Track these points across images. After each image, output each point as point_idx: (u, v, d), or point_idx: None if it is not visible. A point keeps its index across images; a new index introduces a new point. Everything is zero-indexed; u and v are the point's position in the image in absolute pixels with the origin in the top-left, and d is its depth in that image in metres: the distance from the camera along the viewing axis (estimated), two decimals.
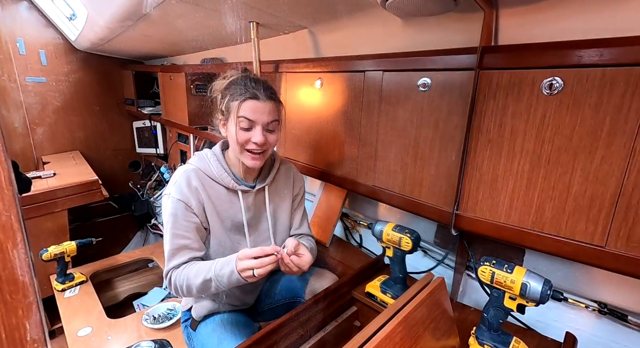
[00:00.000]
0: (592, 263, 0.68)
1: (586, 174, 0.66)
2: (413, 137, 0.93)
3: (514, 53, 0.73)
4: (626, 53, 0.60)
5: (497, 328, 0.75)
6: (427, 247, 1.15)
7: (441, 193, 0.88)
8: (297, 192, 1.06)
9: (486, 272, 0.74)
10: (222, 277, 0.80)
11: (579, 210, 0.68)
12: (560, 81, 0.67)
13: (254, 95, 0.84)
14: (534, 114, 0.71)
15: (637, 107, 0.60)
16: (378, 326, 0.63)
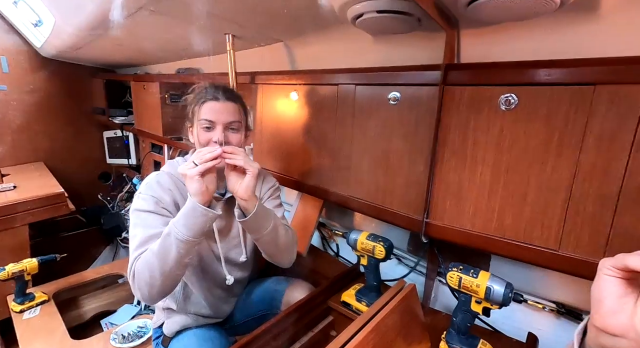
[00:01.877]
0: (548, 266, 0.73)
1: (540, 183, 0.72)
2: (385, 148, 0.96)
3: (475, 71, 0.79)
4: (570, 74, 0.66)
5: (466, 332, 0.78)
6: (401, 254, 1.18)
7: (411, 202, 0.91)
8: (265, 191, 1.04)
9: (454, 278, 0.77)
10: (177, 221, 0.73)
11: (535, 216, 0.73)
12: (516, 97, 0.72)
13: (213, 97, 0.87)
14: (493, 128, 0.76)
15: (580, 122, 0.66)
16: (350, 334, 0.64)
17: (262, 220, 0.82)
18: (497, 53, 0.79)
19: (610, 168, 0.64)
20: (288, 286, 1.05)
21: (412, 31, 0.84)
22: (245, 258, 1.00)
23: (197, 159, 0.73)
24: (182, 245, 0.72)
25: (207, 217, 0.73)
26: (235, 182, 0.79)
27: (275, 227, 0.84)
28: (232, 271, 0.99)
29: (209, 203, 0.75)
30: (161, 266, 0.74)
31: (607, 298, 0.36)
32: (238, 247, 1.00)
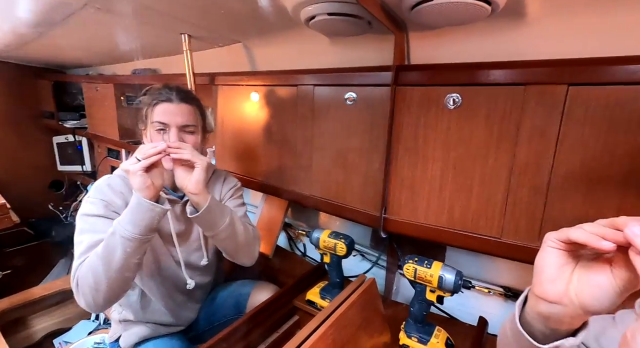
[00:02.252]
0: (492, 253, 0.79)
1: (483, 176, 0.77)
2: (343, 147, 0.99)
3: (423, 72, 0.83)
4: (504, 75, 0.71)
5: (422, 320, 0.82)
6: (364, 250, 1.21)
7: (370, 199, 0.94)
8: (226, 192, 1.02)
9: (410, 269, 0.81)
10: (122, 218, 0.70)
11: (480, 208, 0.78)
12: (459, 97, 0.77)
13: (166, 98, 0.85)
14: (441, 125, 0.81)
15: (515, 119, 0.71)
16: (310, 330, 0.65)
17: (215, 215, 0.80)
18: (443, 55, 0.84)
19: (541, 161, 0.70)
20: (253, 288, 1.04)
21: (365, 33, 0.87)
22: (206, 262, 0.98)
23: (139, 154, 0.71)
24: (129, 244, 0.69)
25: (154, 212, 0.70)
26: (184, 177, 0.77)
27: (232, 223, 0.83)
28: (193, 275, 0.97)
29: (156, 198, 0.72)
30: (106, 268, 0.69)
31: (548, 267, 0.39)
32: (199, 251, 0.97)
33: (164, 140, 0.82)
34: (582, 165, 0.66)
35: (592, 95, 0.63)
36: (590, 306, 0.37)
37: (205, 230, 0.82)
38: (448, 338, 0.81)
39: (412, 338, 0.81)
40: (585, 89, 0.64)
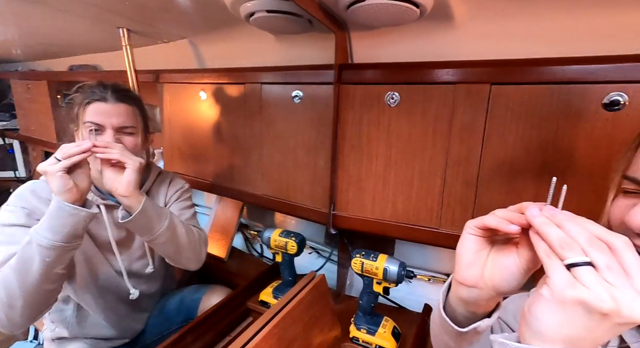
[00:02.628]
0: (433, 243, 0.83)
1: (422, 171, 0.81)
2: (292, 146, 0.99)
3: (364, 70, 0.85)
4: (436, 74, 0.76)
5: (371, 312, 0.85)
6: (319, 247, 1.22)
7: (319, 196, 0.96)
8: (172, 194, 0.97)
9: (357, 263, 0.83)
10: (40, 225, 0.63)
11: (420, 201, 0.82)
12: (398, 95, 0.80)
13: (100, 97, 0.79)
14: (382, 122, 0.83)
15: (447, 116, 0.76)
16: (255, 331, 0.65)
17: (151, 219, 0.76)
18: (384, 54, 0.87)
19: (471, 155, 0.75)
20: (205, 293, 1.01)
21: (308, 32, 0.88)
22: (152, 270, 0.93)
23: (60, 154, 0.65)
24: (48, 253, 0.62)
25: (77, 217, 0.64)
26: (114, 179, 0.72)
27: (172, 226, 0.79)
28: (137, 284, 0.92)
29: (81, 202, 0.66)
30: (22, 281, 0.62)
31: (466, 253, 0.41)
32: (143, 258, 0.92)
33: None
34: (504, 158, 0.72)
35: (510, 93, 0.69)
36: (500, 287, 0.40)
37: (141, 235, 0.78)
38: (395, 327, 0.84)
39: (362, 330, 0.84)
40: (505, 87, 0.70)
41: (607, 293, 0.27)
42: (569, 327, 0.29)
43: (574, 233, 0.30)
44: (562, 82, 0.65)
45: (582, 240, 0.30)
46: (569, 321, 0.29)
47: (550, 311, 0.30)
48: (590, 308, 0.28)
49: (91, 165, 0.80)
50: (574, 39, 0.68)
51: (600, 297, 0.27)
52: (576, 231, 0.30)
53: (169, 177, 1.01)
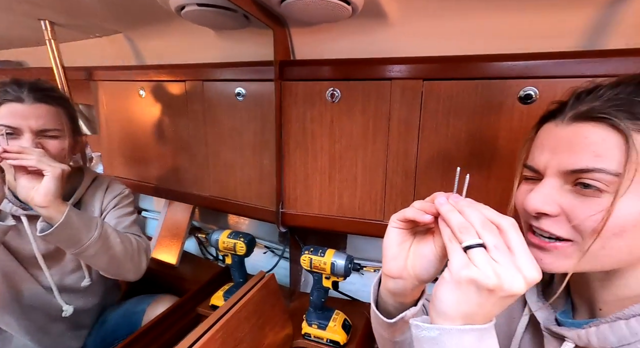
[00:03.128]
0: (379, 235, 0.85)
1: (364, 165, 0.83)
2: (238, 145, 0.96)
3: (304, 67, 0.85)
4: (373, 70, 0.77)
5: (322, 307, 0.86)
6: (273, 246, 1.21)
7: (267, 195, 0.94)
8: (109, 201, 0.91)
9: (306, 260, 0.83)
10: None
11: (364, 194, 0.84)
12: (338, 91, 0.81)
13: (15, 97, 0.71)
14: (325, 119, 0.84)
15: (385, 112, 0.78)
16: (196, 337, 0.62)
17: (77, 230, 0.70)
18: (325, 51, 0.87)
19: (408, 148, 0.78)
20: (150, 304, 0.95)
21: (246, 27, 0.85)
22: (88, 282, 0.86)
23: None
24: None
25: None
26: (29, 188, 0.65)
27: (104, 236, 0.74)
28: (72, 300, 0.85)
29: None
30: None
31: (390, 246, 0.43)
32: (78, 271, 0.85)
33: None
34: (438, 150, 0.76)
35: (441, 89, 0.73)
36: (422, 275, 0.41)
37: (66, 248, 0.72)
38: (345, 320, 0.86)
39: (313, 326, 0.84)
40: (436, 83, 0.73)
41: (492, 271, 0.29)
42: (465, 304, 0.31)
43: (471, 218, 0.32)
44: (485, 77, 0.69)
45: (477, 224, 0.32)
46: (464, 299, 0.31)
47: (450, 291, 0.32)
48: (479, 285, 0.30)
49: (7, 172, 0.72)
50: (497, 37, 0.72)
51: (486, 275, 0.29)
52: (473, 216, 0.33)
53: (105, 183, 0.94)
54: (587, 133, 0.34)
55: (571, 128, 0.35)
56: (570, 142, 0.35)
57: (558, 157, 0.36)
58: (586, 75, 0.61)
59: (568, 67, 0.63)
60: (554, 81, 0.64)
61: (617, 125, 0.32)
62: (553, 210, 0.36)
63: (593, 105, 0.34)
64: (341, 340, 0.81)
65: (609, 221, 0.32)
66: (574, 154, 0.34)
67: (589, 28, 0.66)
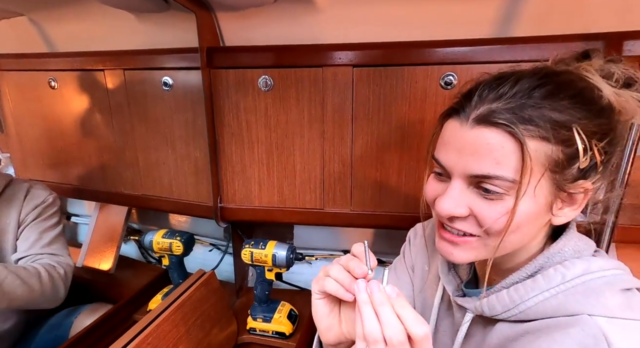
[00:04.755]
0: (321, 224, 0.86)
1: (302, 154, 0.82)
2: (168, 138, 0.90)
3: (234, 54, 0.81)
4: (304, 57, 0.76)
5: (266, 300, 0.85)
6: (219, 243, 1.17)
7: (204, 190, 0.90)
8: (28, 212, 0.82)
9: (247, 254, 0.81)
10: None
11: (304, 184, 0.84)
12: (271, 79, 0.79)
13: None
14: (259, 108, 0.81)
15: (318, 99, 0.77)
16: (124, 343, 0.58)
17: None
18: (255, 37, 0.84)
19: (343, 135, 0.78)
20: (78, 316, 0.87)
21: (166, 10, 0.79)
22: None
23: None
24: None
25: None
26: None
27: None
28: None
29: None
30: None
31: (321, 318, 0.42)
32: None
33: None
34: (371, 136, 0.77)
35: (370, 75, 0.73)
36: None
37: None
38: (291, 310, 0.86)
39: (258, 320, 0.83)
40: (365, 70, 0.74)
41: None
42: None
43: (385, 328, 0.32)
44: (410, 63, 0.71)
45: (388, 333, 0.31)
46: None
47: None
48: None
49: None
50: (421, 25, 0.74)
51: None
52: (387, 324, 0.32)
53: (24, 189, 0.83)
54: (488, 139, 0.35)
55: (474, 132, 0.36)
56: (474, 146, 0.36)
57: (463, 160, 0.37)
58: (497, 61, 0.66)
59: (481, 54, 0.67)
60: (470, 67, 0.68)
61: (514, 133, 0.33)
62: (463, 212, 0.38)
63: (492, 108, 0.35)
64: (287, 331, 0.81)
65: (518, 220, 0.36)
66: (477, 159, 0.36)
67: (501, 17, 0.70)
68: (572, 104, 0.34)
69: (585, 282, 0.36)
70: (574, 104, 0.34)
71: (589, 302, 0.35)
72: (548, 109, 0.34)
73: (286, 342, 0.82)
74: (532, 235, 0.39)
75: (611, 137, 0.36)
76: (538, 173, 0.35)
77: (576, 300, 0.35)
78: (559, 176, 0.35)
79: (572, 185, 0.36)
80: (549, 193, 0.36)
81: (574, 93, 0.35)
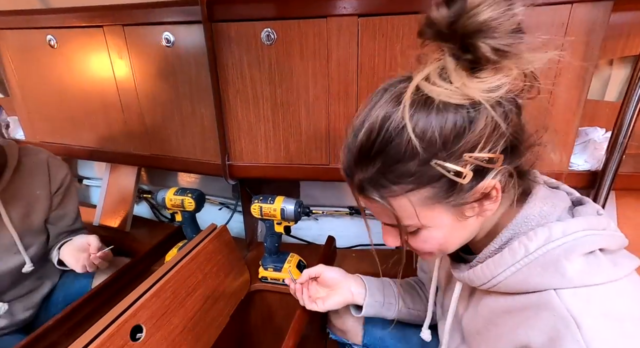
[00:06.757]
0: (326, 179, 0.88)
1: (308, 111, 0.82)
2: (173, 97, 0.90)
3: (235, 5, 0.78)
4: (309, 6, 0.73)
5: (276, 251, 0.89)
6: (228, 202, 1.21)
7: (212, 148, 0.91)
8: (59, 184, 0.86)
9: (256, 208, 0.84)
10: None
11: (310, 140, 0.84)
12: (274, 32, 0.76)
13: None
14: (263, 63, 0.80)
15: (323, 52, 0.75)
16: (145, 289, 0.63)
17: None
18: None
19: (348, 90, 0.77)
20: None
21: None
22: (31, 267, 0.82)
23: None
24: None
25: None
26: None
27: None
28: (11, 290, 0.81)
29: None
30: None
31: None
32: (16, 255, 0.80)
33: None
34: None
35: (376, 25, 0.71)
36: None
37: None
38: (300, 260, 0.91)
39: (269, 269, 0.88)
40: (371, 20, 0.71)
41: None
42: None
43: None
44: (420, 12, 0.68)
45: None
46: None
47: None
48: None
49: None
50: None
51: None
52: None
53: (43, 160, 0.85)
54: (374, 206, 0.40)
55: (362, 199, 0.41)
56: (370, 207, 0.41)
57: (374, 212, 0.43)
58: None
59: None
60: None
61: (377, 201, 0.37)
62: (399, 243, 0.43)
63: (361, 181, 0.38)
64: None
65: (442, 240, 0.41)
66: (379, 215, 0.42)
67: None
68: (421, 145, 0.33)
69: (547, 252, 0.35)
70: (422, 144, 0.33)
71: (549, 274, 0.35)
72: (400, 166, 0.35)
73: None
74: (473, 231, 0.42)
75: (483, 139, 0.33)
76: (429, 210, 0.37)
77: (538, 273, 0.35)
78: (454, 198, 0.36)
79: (472, 195, 0.35)
80: (453, 213, 0.37)
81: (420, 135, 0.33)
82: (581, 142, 0.72)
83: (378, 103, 0.36)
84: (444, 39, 0.34)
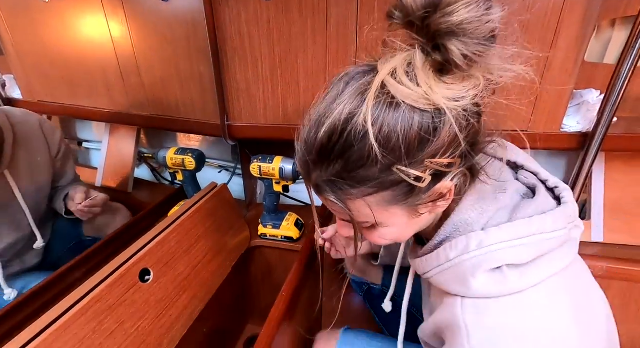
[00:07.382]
0: None
1: (306, 70, 0.82)
2: (169, 57, 0.89)
3: None
4: None
5: (275, 210, 0.93)
6: (227, 165, 1.23)
7: (211, 109, 0.92)
8: (58, 148, 0.88)
9: (255, 168, 0.86)
10: None
11: (308, 101, 0.85)
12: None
13: None
14: (261, 20, 0.78)
15: (322, 10, 0.74)
16: (153, 235, 0.67)
17: None
18: None
19: (347, 49, 0.77)
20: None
21: None
22: (42, 244, 0.85)
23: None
24: None
25: None
26: None
27: None
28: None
29: None
30: None
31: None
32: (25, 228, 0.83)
33: None
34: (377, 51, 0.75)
35: None
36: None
37: None
38: (298, 219, 0.95)
39: (268, 227, 0.92)
40: None
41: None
42: None
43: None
44: None
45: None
46: None
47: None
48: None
49: None
50: None
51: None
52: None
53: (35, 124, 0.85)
54: (332, 205, 0.40)
55: (321, 197, 0.40)
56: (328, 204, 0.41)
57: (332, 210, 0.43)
58: None
59: None
60: None
61: (335, 202, 0.37)
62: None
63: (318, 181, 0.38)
64: (294, 236, 0.91)
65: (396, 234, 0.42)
66: (336, 212, 0.43)
67: None
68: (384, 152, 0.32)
69: (460, 263, 0.38)
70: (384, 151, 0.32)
71: (459, 283, 0.38)
72: (361, 171, 0.34)
73: (294, 245, 0.92)
74: (425, 224, 0.43)
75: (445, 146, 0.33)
76: (385, 211, 0.38)
77: (452, 280, 0.39)
78: (411, 200, 0.36)
79: (428, 197, 0.36)
80: (408, 212, 0.38)
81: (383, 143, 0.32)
82: (575, 104, 0.73)
83: (341, 97, 0.34)
84: (414, 31, 0.32)
